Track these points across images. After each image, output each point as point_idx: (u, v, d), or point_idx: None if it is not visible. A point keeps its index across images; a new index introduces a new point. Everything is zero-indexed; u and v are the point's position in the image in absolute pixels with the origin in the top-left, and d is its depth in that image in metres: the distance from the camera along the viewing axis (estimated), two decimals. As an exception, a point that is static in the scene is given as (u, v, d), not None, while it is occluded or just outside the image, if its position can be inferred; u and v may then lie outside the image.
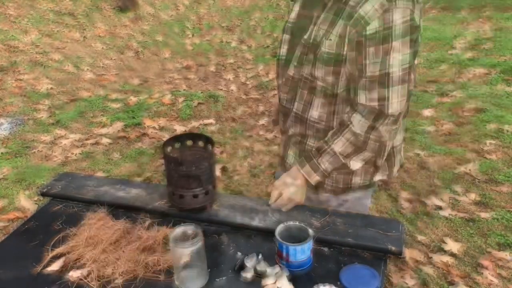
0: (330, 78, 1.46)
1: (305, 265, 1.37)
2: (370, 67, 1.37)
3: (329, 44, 1.41)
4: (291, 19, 1.59)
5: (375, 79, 1.38)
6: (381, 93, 1.40)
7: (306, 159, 1.56)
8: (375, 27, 1.32)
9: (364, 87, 1.41)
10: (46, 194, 1.78)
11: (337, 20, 1.39)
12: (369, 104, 1.42)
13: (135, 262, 1.39)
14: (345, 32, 1.37)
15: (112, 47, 6.55)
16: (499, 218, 2.95)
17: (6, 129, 4.42)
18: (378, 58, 1.36)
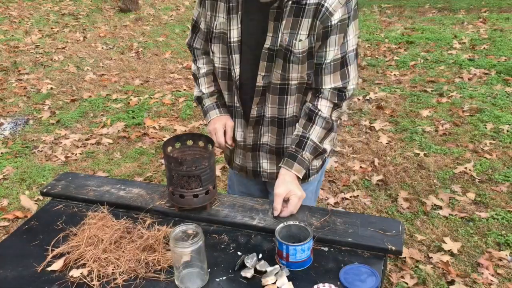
0: (305, 74, 1.55)
1: (305, 264, 1.38)
2: (332, 52, 1.50)
3: (301, 44, 1.48)
4: (234, 38, 1.56)
5: (337, 62, 1.51)
6: (343, 73, 1.54)
7: (291, 158, 1.59)
8: (338, 16, 1.44)
9: (329, 71, 1.53)
10: (47, 194, 1.79)
11: (301, 20, 1.46)
12: (334, 85, 1.55)
13: (136, 262, 1.40)
14: (313, 27, 1.45)
15: (113, 47, 6.56)
16: (498, 218, 2.96)
17: (7, 129, 4.43)
18: (339, 44, 1.49)
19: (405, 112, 4.35)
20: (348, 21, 1.46)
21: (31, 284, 1.36)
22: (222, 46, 1.61)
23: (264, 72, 1.56)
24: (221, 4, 1.55)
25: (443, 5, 7.88)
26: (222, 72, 1.67)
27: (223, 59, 1.64)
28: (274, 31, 1.48)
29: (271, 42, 1.50)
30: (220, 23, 1.57)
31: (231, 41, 1.57)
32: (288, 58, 1.50)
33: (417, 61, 5.48)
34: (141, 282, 1.35)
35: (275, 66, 1.53)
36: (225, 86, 1.71)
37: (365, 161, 3.64)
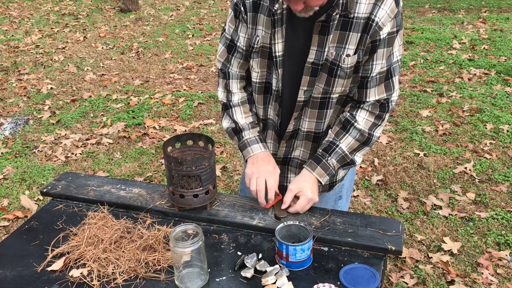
0: (349, 87, 1.53)
1: (305, 264, 1.38)
2: (379, 66, 1.46)
3: (350, 59, 1.44)
4: (279, 52, 1.50)
5: (383, 75, 1.49)
6: (387, 85, 1.51)
7: (316, 160, 1.58)
8: (387, 30, 1.41)
9: (375, 84, 1.49)
10: (47, 194, 1.79)
11: (348, 34, 1.41)
12: (378, 97, 1.51)
13: (136, 262, 1.40)
14: (361, 41, 1.42)
15: (113, 47, 6.56)
16: (498, 218, 2.97)
17: (7, 129, 4.43)
18: (386, 57, 1.46)
19: (405, 112, 4.36)
20: (396, 34, 1.43)
21: (31, 284, 1.36)
22: (261, 60, 1.55)
23: (307, 87, 1.52)
24: (261, 16, 1.48)
25: (443, 5, 7.88)
26: (259, 86, 1.61)
27: (261, 73, 1.58)
28: (318, 45, 1.44)
29: (315, 56, 1.45)
30: (261, 37, 1.50)
31: (276, 55, 1.50)
32: (334, 73, 1.47)
33: (417, 61, 5.48)
34: (141, 282, 1.35)
35: (318, 80, 1.50)
36: (261, 100, 1.64)
37: (365, 161, 3.65)
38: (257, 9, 1.48)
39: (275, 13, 1.44)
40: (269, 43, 1.50)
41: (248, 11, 1.50)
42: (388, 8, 1.38)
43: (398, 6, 1.40)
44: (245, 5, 1.50)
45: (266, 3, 1.46)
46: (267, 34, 1.49)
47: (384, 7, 1.37)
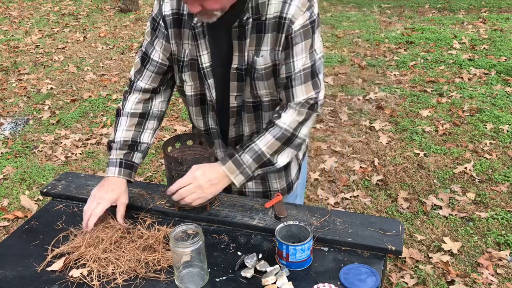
0: (274, 90, 1.52)
1: (305, 264, 1.38)
2: (300, 62, 1.44)
3: (262, 60, 1.45)
4: (206, 63, 1.50)
5: (308, 71, 1.45)
6: (314, 83, 1.48)
7: (229, 155, 1.50)
8: (300, 23, 1.39)
9: (300, 82, 1.46)
10: (47, 194, 1.79)
11: (263, 36, 1.42)
12: (307, 96, 1.47)
13: (136, 262, 1.40)
14: (275, 41, 1.42)
15: (113, 47, 6.57)
16: (498, 218, 2.97)
17: (7, 129, 4.43)
18: (306, 52, 1.44)
19: (405, 112, 4.36)
20: (311, 27, 1.41)
21: (31, 284, 1.36)
22: (192, 73, 1.56)
23: (236, 93, 1.53)
24: (185, 30, 1.49)
25: (443, 5, 7.88)
26: (195, 99, 1.61)
27: (195, 85, 1.58)
28: (239, 51, 1.45)
29: (238, 61, 1.46)
30: (189, 50, 1.52)
31: (203, 67, 1.51)
32: (253, 76, 1.48)
33: (417, 61, 5.48)
34: (141, 282, 1.35)
35: (246, 85, 1.51)
36: (199, 112, 1.65)
37: (365, 161, 3.65)
38: (180, 25, 1.49)
39: (195, 26, 1.45)
40: (196, 56, 1.51)
41: (169, 27, 1.50)
42: (298, 2, 1.37)
43: (310, 0, 1.39)
44: (166, 21, 1.50)
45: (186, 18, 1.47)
46: (193, 47, 1.50)
47: (294, 2, 1.37)
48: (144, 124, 1.63)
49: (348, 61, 5.63)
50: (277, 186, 1.75)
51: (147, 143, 1.65)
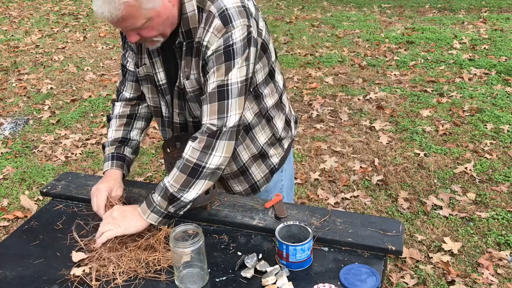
0: None
1: (305, 264, 1.38)
2: (211, 85, 1.41)
3: (189, 82, 1.49)
4: (162, 81, 1.56)
5: (214, 92, 1.41)
6: (220, 106, 1.41)
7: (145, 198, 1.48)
8: (214, 48, 1.39)
9: (207, 102, 1.42)
10: (47, 194, 1.79)
11: (192, 59, 1.47)
12: (210, 119, 1.42)
13: (136, 262, 1.39)
14: (198, 65, 1.46)
15: (113, 47, 6.56)
16: (499, 218, 2.96)
17: (7, 129, 4.43)
18: (218, 76, 1.41)
19: (405, 112, 4.35)
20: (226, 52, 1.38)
21: (31, 284, 1.36)
22: (151, 86, 1.62)
23: (178, 110, 1.59)
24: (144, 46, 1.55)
25: (443, 5, 7.88)
26: (154, 110, 1.69)
27: (153, 99, 1.65)
28: (182, 70, 1.50)
29: (178, 80, 1.52)
30: (145, 66, 1.58)
31: (160, 84, 1.57)
32: (185, 97, 1.53)
33: (417, 61, 5.48)
34: (141, 282, 1.35)
35: (185, 104, 1.56)
36: (159, 122, 1.72)
37: (365, 161, 3.65)
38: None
39: None
40: (152, 72, 1.57)
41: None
42: (213, 28, 1.38)
43: (226, 26, 1.37)
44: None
45: None
46: (150, 63, 1.56)
47: (210, 29, 1.39)
48: (132, 124, 1.73)
49: (348, 61, 5.63)
50: (238, 188, 1.76)
51: (137, 140, 1.74)
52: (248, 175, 1.73)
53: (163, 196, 1.43)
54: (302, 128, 4.16)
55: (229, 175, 1.72)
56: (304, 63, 5.63)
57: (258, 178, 1.75)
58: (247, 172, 1.72)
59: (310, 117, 4.35)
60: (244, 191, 1.77)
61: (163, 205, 1.44)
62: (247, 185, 1.75)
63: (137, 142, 1.74)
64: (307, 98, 4.71)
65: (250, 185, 1.76)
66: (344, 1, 8.49)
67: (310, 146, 3.87)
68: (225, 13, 1.37)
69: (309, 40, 6.42)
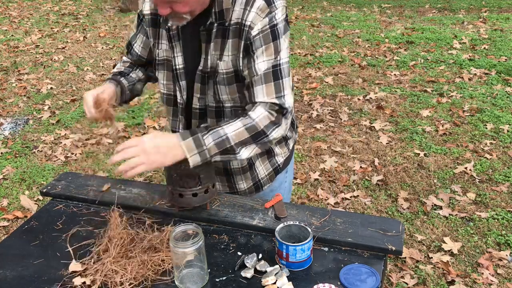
0: (236, 96, 1.53)
1: (305, 264, 1.38)
2: (261, 64, 1.42)
3: (224, 64, 1.47)
4: (179, 65, 1.55)
5: (269, 74, 1.43)
6: (277, 86, 1.44)
7: (191, 132, 1.40)
8: (258, 28, 1.40)
9: (261, 82, 1.43)
10: (47, 194, 1.79)
11: (226, 41, 1.45)
12: (268, 98, 1.43)
13: (142, 264, 1.39)
14: (237, 47, 1.45)
15: (113, 47, 6.56)
16: (499, 218, 2.96)
17: (7, 129, 4.43)
18: (268, 56, 1.42)
19: (405, 112, 4.35)
20: (271, 32, 1.41)
21: (31, 284, 1.36)
22: (167, 73, 1.60)
23: (199, 95, 1.56)
24: (163, 31, 1.54)
25: (443, 5, 7.88)
26: (167, 98, 1.65)
27: (167, 85, 1.62)
28: (205, 54, 1.49)
29: (203, 64, 1.50)
30: (164, 50, 1.57)
31: (177, 68, 1.56)
32: (215, 80, 1.51)
33: (417, 61, 5.48)
34: (141, 282, 1.35)
35: (208, 88, 1.53)
36: (170, 111, 1.68)
37: (365, 161, 3.65)
38: (157, 25, 1.55)
39: (171, 28, 1.50)
40: (171, 56, 1.56)
41: (147, 26, 1.57)
42: (257, 8, 1.39)
43: (270, 6, 1.40)
44: (145, 19, 1.58)
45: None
46: (168, 48, 1.55)
47: (253, 9, 1.39)
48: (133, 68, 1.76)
49: (348, 61, 5.63)
50: (243, 186, 1.75)
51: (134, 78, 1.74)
52: (253, 170, 1.72)
53: (218, 143, 1.39)
54: (302, 128, 4.16)
55: (239, 170, 1.70)
56: (304, 63, 5.63)
57: (262, 175, 1.75)
58: (252, 167, 1.72)
59: (310, 117, 4.35)
60: (248, 189, 1.76)
61: (213, 151, 1.40)
62: (251, 182, 1.75)
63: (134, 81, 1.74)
64: (307, 98, 4.71)
65: (254, 183, 1.75)
66: (344, 1, 8.49)
67: (310, 146, 3.87)
68: None
69: (309, 40, 6.42)
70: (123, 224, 1.52)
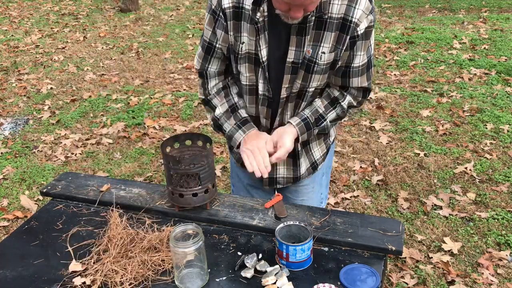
0: (324, 82, 1.63)
1: (305, 264, 1.38)
2: (359, 57, 1.57)
3: (326, 56, 1.53)
4: (264, 57, 1.55)
5: (364, 66, 1.60)
6: (368, 75, 1.64)
7: (306, 126, 1.64)
8: (364, 26, 1.50)
9: (357, 74, 1.61)
10: (47, 194, 1.79)
11: (323, 33, 1.50)
12: (362, 85, 1.64)
13: (140, 263, 1.39)
14: (338, 40, 1.51)
15: (113, 47, 6.56)
16: (499, 218, 2.96)
17: (7, 129, 4.43)
18: (365, 50, 1.57)
19: (405, 112, 4.35)
20: (371, 29, 1.53)
21: (31, 284, 1.36)
22: (249, 65, 1.61)
23: (288, 84, 1.59)
24: (244, 23, 1.53)
25: (443, 5, 7.88)
26: (249, 88, 1.67)
27: (250, 77, 1.64)
28: (297, 45, 1.51)
29: (294, 55, 1.53)
30: (247, 43, 1.56)
31: (263, 61, 1.56)
32: (311, 70, 1.55)
33: (417, 61, 5.47)
34: (141, 282, 1.35)
35: (297, 78, 1.58)
36: (252, 100, 1.70)
37: (365, 161, 3.64)
38: (239, 18, 1.54)
39: (258, 21, 1.50)
40: (254, 49, 1.56)
41: (228, 19, 1.55)
42: (363, 7, 1.47)
43: (371, 3, 1.49)
44: (225, 13, 1.54)
45: (247, 12, 1.51)
46: (251, 41, 1.55)
47: (359, 7, 1.46)
48: (230, 92, 1.74)
49: (348, 61, 5.62)
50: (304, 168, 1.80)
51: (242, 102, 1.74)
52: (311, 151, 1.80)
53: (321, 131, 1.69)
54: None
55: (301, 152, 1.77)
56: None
57: (317, 157, 1.82)
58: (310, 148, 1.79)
59: (310, 117, 4.35)
60: (307, 171, 1.81)
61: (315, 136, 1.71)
62: (309, 163, 1.81)
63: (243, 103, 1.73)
64: (307, 98, 4.71)
65: (311, 164, 1.81)
66: (344, 1, 8.48)
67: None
68: None
69: (309, 40, 6.41)
70: (123, 224, 1.52)
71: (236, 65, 1.64)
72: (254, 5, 1.48)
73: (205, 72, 1.70)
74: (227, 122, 1.69)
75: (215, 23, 1.59)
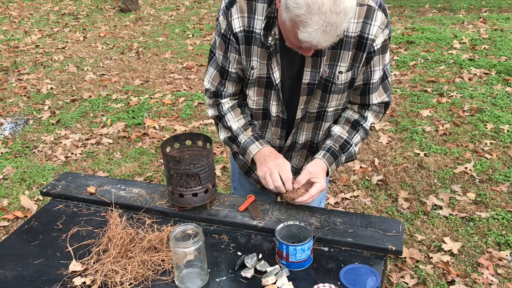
0: (344, 101, 1.62)
1: (305, 264, 1.38)
2: (377, 72, 1.55)
3: (343, 76, 1.51)
4: (277, 80, 1.53)
5: (382, 79, 1.58)
6: (385, 86, 1.61)
7: (333, 156, 1.62)
8: (380, 41, 1.48)
9: (376, 89, 1.59)
10: (47, 194, 1.79)
11: (339, 52, 1.47)
12: (380, 99, 1.61)
13: (140, 263, 1.39)
14: (355, 58, 1.48)
15: (113, 47, 6.56)
16: (499, 218, 2.96)
17: (7, 129, 4.43)
18: (382, 64, 1.54)
19: (405, 112, 4.35)
20: (387, 42, 1.50)
21: (31, 284, 1.36)
22: (258, 89, 1.60)
23: (303, 105, 1.58)
24: (255, 48, 1.51)
25: (443, 5, 7.88)
26: (256, 112, 1.67)
27: (257, 101, 1.63)
28: (312, 66, 1.49)
29: (310, 77, 1.51)
30: (257, 68, 1.54)
31: (276, 83, 1.54)
32: (329, 89, 1.54)
33: (417, 61, 5.48)
34: (141, 282, 1.35)
35: (314, 98, 1.57)
36: (263, 124, 1.70)
37: (365, 161, 3.64)
38: (250, 42, 1.52)
39: (270, 45, 1.48)
40: (266, 73, 1.54)
41: (240, 43, 1.53)
42: (379, 22, 1.43)
43: (387, 17, 1.46)
44: (237, 37, 1.52)
45: (258, 36, 1.49)
46: (262, 65, 1.53)
47: (375, 23, 1.43)
48: (245, 111, 1.72)
49: (348, 61, 5.63)
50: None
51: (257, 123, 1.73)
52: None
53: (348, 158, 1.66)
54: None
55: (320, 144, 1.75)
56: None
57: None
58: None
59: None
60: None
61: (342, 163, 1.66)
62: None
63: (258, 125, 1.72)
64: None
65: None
66: (344, 1, 8.47)
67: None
68: (383, 6, 1.44)
69: (309, 40, 6.41)
70: (123, 224, 1.52)
71: (244, 90, 1.65)
72: (265, 30, 1.45)
73: (221, 93, 1.68)
74: (243, 134, 1.66)
75: (227, 47, 1.56)
